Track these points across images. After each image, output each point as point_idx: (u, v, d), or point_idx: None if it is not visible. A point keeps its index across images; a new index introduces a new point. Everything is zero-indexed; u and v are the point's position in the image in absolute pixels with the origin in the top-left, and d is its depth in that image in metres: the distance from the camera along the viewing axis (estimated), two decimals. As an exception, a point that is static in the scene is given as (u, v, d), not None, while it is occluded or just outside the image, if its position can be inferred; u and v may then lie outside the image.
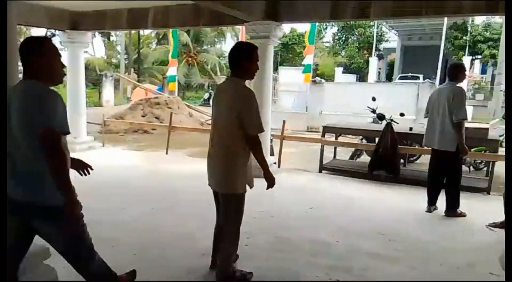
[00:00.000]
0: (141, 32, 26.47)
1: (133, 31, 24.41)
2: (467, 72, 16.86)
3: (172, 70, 15.76)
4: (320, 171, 6.87)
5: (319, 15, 5.38)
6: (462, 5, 4.57)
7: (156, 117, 12.14)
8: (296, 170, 7.07)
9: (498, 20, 17.36)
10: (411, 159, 7.74)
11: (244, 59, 2.65)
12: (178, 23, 6.46)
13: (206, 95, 20.18)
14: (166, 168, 6.75)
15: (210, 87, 23.92)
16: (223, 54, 28.65)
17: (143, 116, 12.30)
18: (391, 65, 31.81)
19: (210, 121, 13.84)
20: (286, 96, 15.31)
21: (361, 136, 8.01)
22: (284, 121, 7.08)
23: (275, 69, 19.57)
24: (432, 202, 4.70)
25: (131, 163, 7.10)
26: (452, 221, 4.45)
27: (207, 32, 26.55)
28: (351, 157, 7.88)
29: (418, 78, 21.91)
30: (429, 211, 4.68)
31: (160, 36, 28.48)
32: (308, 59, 13.86)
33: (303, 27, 22.77)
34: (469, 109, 15.68)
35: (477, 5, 4.60)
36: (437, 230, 4.19)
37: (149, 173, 6.40)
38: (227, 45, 29.42)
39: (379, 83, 22.06)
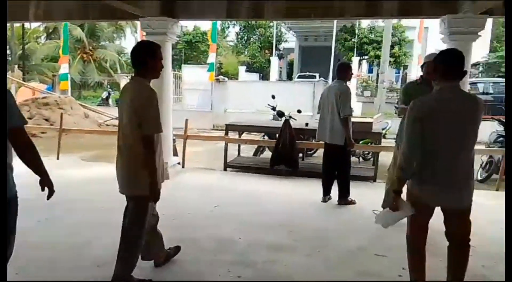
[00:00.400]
0: (27, 25, 23.76)
1: (17, 24, 21.77)
2: (356, 72, 18.38)
3: (64, 68, 14.45)
4: (225, 169, 6.93)
5: (216, 14, 5.40)
6: (345, 9, 4.98)
7: (46, 119, 11.04)
8: (201, 169, 7.02)
9: (381, 24, 19.32)
10: (309, 152, 8.23)
11: (147, 58, 2.62)
12: (63, 16, 5.92)
13: (104, 94, 18.81)
14: (56, 174, 6.03)
15: (109, 86, 22.45)
16: (123, 51, 27.14)
17: (30, 118, 11.06)
18: (291, 65, 33.39)
19: (109, 122, 13.00)
20: (191, 94, 15.12)
21: (263, 133, 8.27)
22: (186, 120, 6.97)
23: (179, 67, 19.20)
24: (326, 192, 5.05)
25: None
26: (344, 209, 4.83)
27: (104, 27, 24.88)
28: (255, 154, 8.09)
29: (315, 77, 23.35)
30: (324, 201, 5.01)
31: (50, 30, 25.90)
32: (212, 58, 13.87)
33: (207, 25, 22.66)
34: (359, 105, 17.23)
35: (359, 9, 5.05)
36: (331, 218, 4.51)
37: (35, 181, 5.75)
38: (128, 41, 27.95)
39: (280, 81, 23.05)
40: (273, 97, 7.80)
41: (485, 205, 5.12)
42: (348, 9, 4.98)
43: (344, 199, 4.91)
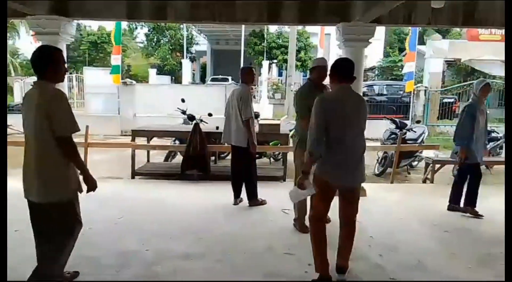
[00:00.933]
0: None
1: None
2: (266, 75, 18.81)
3: None
4: (132, 177, 6.60)
5: (114, 14, 5.08)
6: (248, 14, 5.08)
7: None
8: (106, 179, 6.56)
9: (287, 29, 20.11)
10: (222, 155, 8.22)
11: (48, 63, 2.58)
12: None
13: (-9, 100, 16.67)
14: None
15: (-1, 91, 20.00)
16: (17, 52, 24.50)
17: None
18: (204, 68, 33.30)
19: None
20: (95, 99, 14.12)
21: (174, 138, 8.07)
22: (87, 127, 6.47)
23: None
24: (237, 194, 5.07)
25: None
26: (255, 210, 4.88)
27: (-9, 25, 22.18)
28: (166, 159, 7.85)
29: (227, 80, 23.60)
30: (235, 203, 5.03)
31: None
32: (116, 60, 13.13)
33: (112, 25, 21.46)
34: (270, 107, 17.78)
35: (261, 15, 5.17)
36: (242, 220, 4.53)
37: None
38: (22, 41, 25.25)
39: (193, 84, 22.81)
40: (183, 100, 7.63)
41: (381, 197, 5.59)
42: (250, 15, 5.07)
43: (254, 200, 4.97)
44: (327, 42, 19.55)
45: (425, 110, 13.52)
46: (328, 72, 3.20)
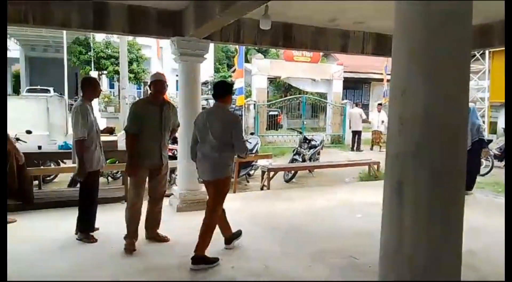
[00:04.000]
0: None
1: None
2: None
3: None
4: None
5: None
6: (70, 19, 4.58)
7: None
8: None
9: (117, 39, 18.97)
10: (48, 178, 7.17)
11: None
12: None
13: None
14: None
15: None
16: None
17: None
18: (17, 77, 28.70)
19: None
20: None
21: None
22: None
23: None
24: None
25: None
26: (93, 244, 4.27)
27: None
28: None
29: (48, 91, 20.94)
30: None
31: None
32: None
33: None
34: (103, 121, 16.48)
35: (85, 20, 4.68)
36: (76, 256, 3.97)
37: None
38: None
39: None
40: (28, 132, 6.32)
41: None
42: (71, 19, 4.55)
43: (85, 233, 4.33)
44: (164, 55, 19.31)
45: (255, 122, 14.74)
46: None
